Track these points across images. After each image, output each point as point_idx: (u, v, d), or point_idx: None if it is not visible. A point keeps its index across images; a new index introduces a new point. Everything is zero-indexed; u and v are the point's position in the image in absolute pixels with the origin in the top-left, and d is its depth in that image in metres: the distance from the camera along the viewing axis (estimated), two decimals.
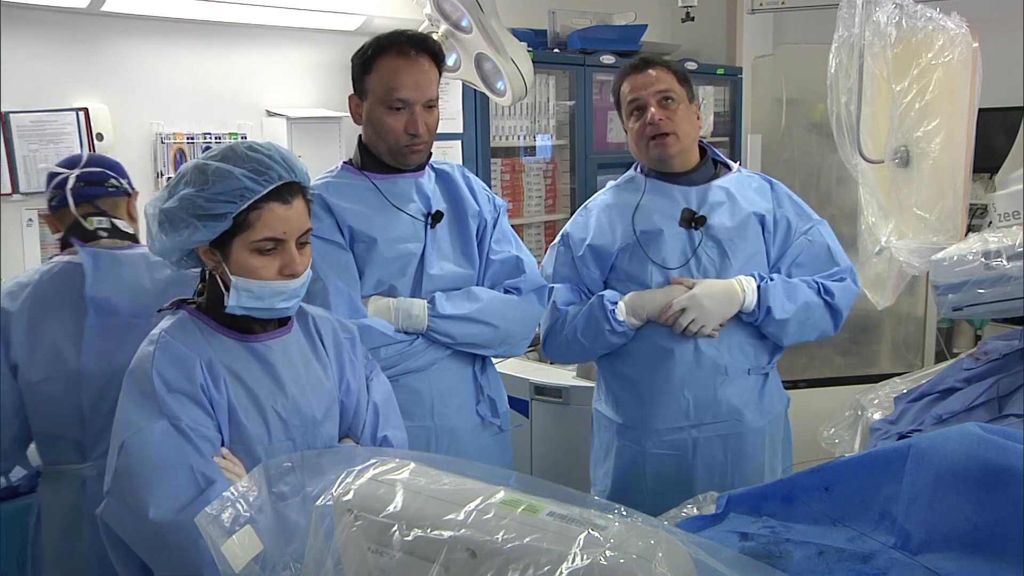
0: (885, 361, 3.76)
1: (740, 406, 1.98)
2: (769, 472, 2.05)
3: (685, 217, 1.97)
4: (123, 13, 3.21)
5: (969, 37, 2.13)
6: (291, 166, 1.39)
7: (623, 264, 2.01)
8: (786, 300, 1.94)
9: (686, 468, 1.99)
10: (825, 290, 1.98)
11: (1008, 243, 1.88)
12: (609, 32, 4.02)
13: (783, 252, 2.02)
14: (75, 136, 3.16)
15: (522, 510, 0.84)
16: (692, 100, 2.02)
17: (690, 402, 1.97)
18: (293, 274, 1.39)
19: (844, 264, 2.03)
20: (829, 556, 1.07)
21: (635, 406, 2.02)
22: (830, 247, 2.04)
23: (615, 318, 1.95)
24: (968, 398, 1.95)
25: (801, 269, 2.01)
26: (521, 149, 3.92)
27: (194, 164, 1.37)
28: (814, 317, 1.98)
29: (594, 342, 2.00)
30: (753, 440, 2.01)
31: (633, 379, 2.02)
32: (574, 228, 2.11)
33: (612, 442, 2.08)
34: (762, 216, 2.00)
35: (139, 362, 1.38)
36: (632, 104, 2.00)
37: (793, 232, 2.03)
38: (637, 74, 1.99)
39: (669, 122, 1.95)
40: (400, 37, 1.82)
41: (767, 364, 2.04)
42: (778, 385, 2.11)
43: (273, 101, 3.64)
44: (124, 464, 1.31)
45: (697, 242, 1.97)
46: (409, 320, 1.81)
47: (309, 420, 1.45)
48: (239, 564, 1.02)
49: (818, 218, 2.07)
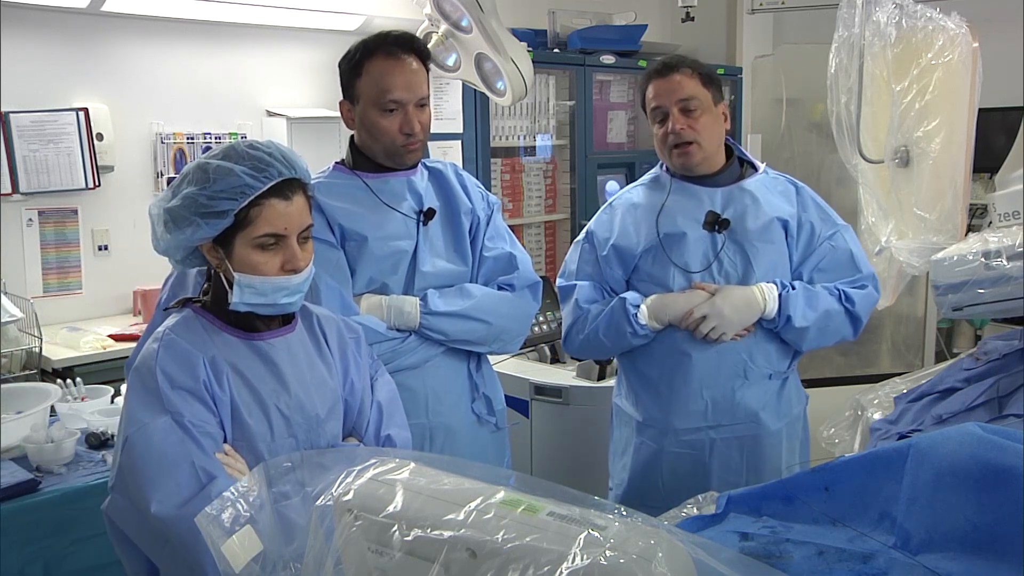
0: (885, 361, 3.77)
1: (758, 409, 1.98)
2: (786, 473, 2.03)
3: (709, 220, 1.96)
4: (123, 13, 3.21)
5: (969, 37, 2.13)
6: (291, 163, 1.40)
7: (646, 266, 2.00)
8: (807, 308, 1.93)
9: (702, 468, 1.99)
10: (846, 297, 1.97)
11: (1008, 243, 1.88)
12: (609, 32, 4.02)
13: (806, 257, 2.01)
14: (75, 136, 3.16)
15: (522, 510, 0.84)
16: (719, 102, 1.99)
17: (708, 404, 1.97)
18: (295, 269, 1.40)
19: (867, 271, 2.02)
20: (829, 556, 1.07)
21: (654, 405, 2.02)
22: (853, 253, 2.02)
23: (637, 322, 1.95)
24: (968, 398, 1.95)
25: (823, 275, 2.00)
26: (521, 149, 3.92)
27: (196, 163, 1.39)
28: (834, 324, 1.97)
29: (615, 343, 2.00)
30: (770, 442, 2.00)
31: (653, 378, 2.02)
32: (599, 226, 2.09)
33: (631, 438, 2.08)
34: (786, 221, 1.98)
35: (144, 359, 1.39)
36: (655, 111, 1.98)
37: (817, 237, 2.01)
38: (661, 79, 1.96)
39: (691, 131, 1.93)
40: (387, 39, 1.82)
41: (787, 368, 2.03)
42: (797, 386, 2.10)
43: (273, 101, 3.64)
44: (127, 460, 1.32)
45: (720, 246, 1.96)
46: (401, 317, 1.81)
47: (312, 418, 1.46)
48: (239, 564, 1.02)
49: (843, 223, 2.05)
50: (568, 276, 2.09)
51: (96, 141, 3.19)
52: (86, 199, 3.24)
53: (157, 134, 3.36)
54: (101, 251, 3.31)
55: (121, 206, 3.27)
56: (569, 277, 2.08)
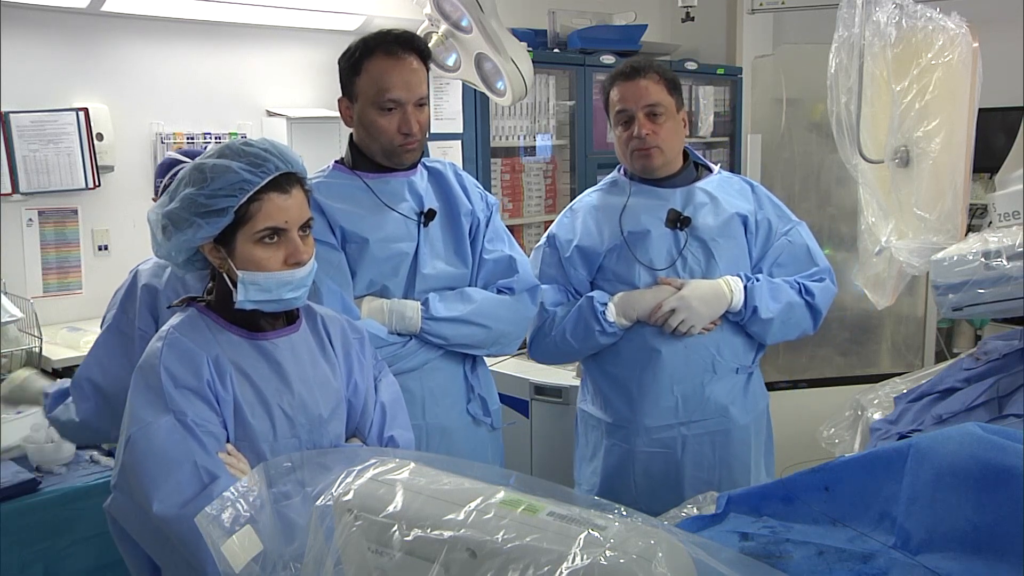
0: (885, 361, 3.76)
1: (727, 403, 2.03)
2: (755, 469, 2.10)
3: (671, 218, 2.01)
4: (123, 13, 3.21)
5: (969, 37, 2.13)
6: (287, 158, 1.41)
7: (611, 264, 2.04)
8: (771, 300, 1.99)
9: (675, 466, 2.02)
10: (806, 290, 2.04)
11: (1008, 243, 1.88)
12: (609, 32, 4.02)
13: (764, 252, 2.08)
14: (75, 136, 3.15)
15: (522, 510, 0.84)
16: (680, 108, 2.04)
17: (678, 399, 2.01)
18: (299, 262, 1.41)
19: (823, 264, 2.10)
20: (829, 556, 1.07)
21: (624, 405, 2.05)
22: (809, 248, 2.09)
23: (605, 319, 1.97)
24: (968, 398, 1.95)
25: (782, 269, 2.07)
26: (521, 149, 3.91)
27: (191, 165, 1.39)
28: (796, 317, 2.03)
29: (583, 343, 2.02)
30: (740, 437, 2.05)
31: (622, 378, 2.05)
32: (560, 229, 2.13)
33: (600, 441, 2.10)
34: (744, 217, 2.05)
35: (147, 358, 1.40)
36: (620, 114, 2.02)
37: (774, 233, 2.08)
38: (627, 82, 2.01)
39: (655, 136, 1.98)
40: (387, 37, 1.81)
41: (752, 362, 2.09)
42: (760, 383, 2.16)
43: (273, 101, 3.64)
44: (130, 458, 1.32)
45: (683, 243, 2.01)
46: (403, 322, 1.82)
47: (315, 418, 1.46)
48: (239, 564, 1.02)
49: (797, 219, 2.13)
50: None
51: (96, 141, 3.19)
52: (86, 199, 3.23)
53: (157, 134, 3.36)
54: (101, 251, 3.31)
55: (121, 206, 3.27)
56: None
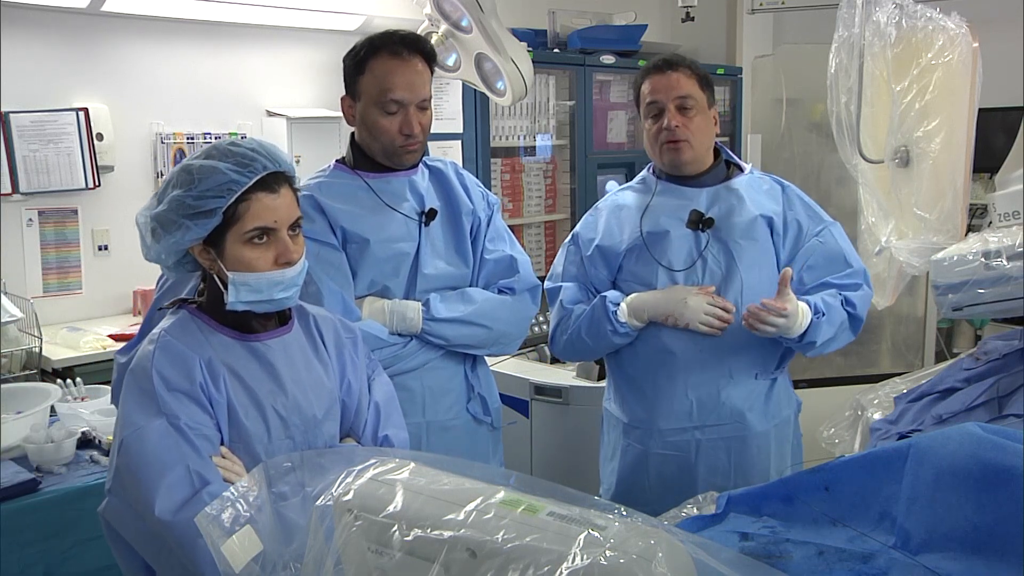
0: (885, 361, 3.76)
1: (744, 409, 1.97)
2: (775, 476, 2.01)
3: (692, 219, 1.97)
4: (123, 13, 3.21)
5: (969, 37, 2.13)
6: (274, 157, 1.40)
7: (630, 265, 2.01)
8: (828, 327, 1.90)
9: (689, 470, 1.98)
10: (847, 301, 1.95)
11: (1008, 243, 1.89)
12: (609, 32, 4.02)
13: (794, 254, 2.00)
14: (75, 136, 3.16)
15: (522, 510, 0.84)
16: (712, 105, 2.00)
17: (693, 403, 1.96)
18: (288, 262, 1.40)
19: (857, 266, 2.00)
20: (829, 556, 1.07)
21: (639, 406, 2.02)
22: (843, 249, 2.01)
23: (617, 319, 1.95)
24: (968, 398, 1.95)
25: (813, 271, 1.99)
26: (521, 149, 3.91)
27: (179, 167, 1.38)
28: (843, 336, 1.96)
29: (597, 342, 2.00)
30: (757, 444, 1.99)
31: (637, 378, 2.02)
32: (584, 228, 2.11)
33: (619, 441, 2.08)
34: (770, 218, 1.98)
35: (139, 361, 1.39)
36: (651, 106, 1.98)
37: (804, 235, 2.00)
38: (659, 75, 1.97)
39: (685, 129, 1.94)
40: (392, 37, 1.81)
41: (775, 369, 2.02)
42: (787, 389, 2.09)
43: (273, 101, 3.64)
44: (123, 462, 1.32)
45: (704, 244, 1.97)
46: (404, 323, 1.81)
47: (309, 419, 1.46)
48: (239, 564, 1.02)
49: (830, 220, 2.04)
50: (555, 279, 2.09)
51: (96, 141, 3.19)
52: (86, 199, 3.24)
53: (157, 134, 3.36)
54: (101, 251, 3.31)
55: (121, 206, 3.27)
56: (556, 279, 2.08)
